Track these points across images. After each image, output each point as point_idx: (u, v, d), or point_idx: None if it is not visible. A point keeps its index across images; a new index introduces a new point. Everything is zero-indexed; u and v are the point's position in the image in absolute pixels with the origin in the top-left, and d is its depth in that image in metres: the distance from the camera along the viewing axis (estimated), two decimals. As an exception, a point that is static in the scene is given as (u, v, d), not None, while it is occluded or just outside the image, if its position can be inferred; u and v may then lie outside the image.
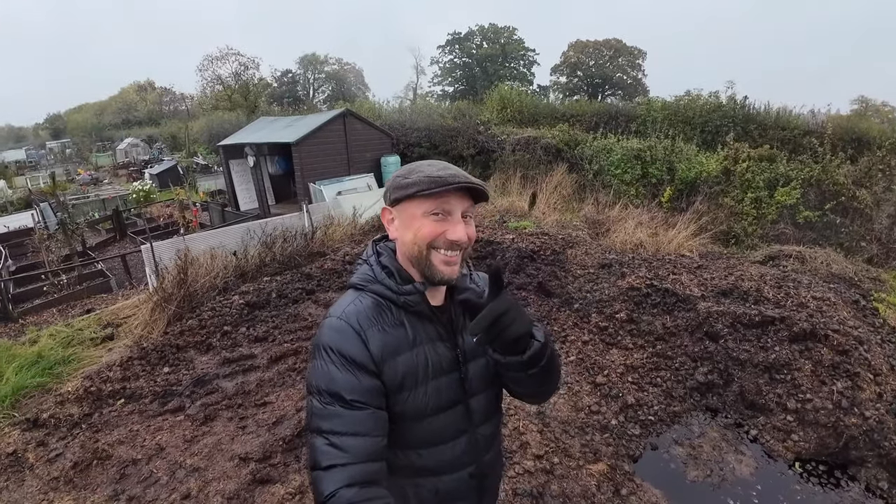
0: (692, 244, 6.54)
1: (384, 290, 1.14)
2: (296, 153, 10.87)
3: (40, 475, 3.06)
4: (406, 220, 1.12)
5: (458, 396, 1.19)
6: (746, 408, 3.44)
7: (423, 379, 1.13)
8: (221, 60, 34.72)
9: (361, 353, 1.06)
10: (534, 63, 44.90)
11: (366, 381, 1.05)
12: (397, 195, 1.11)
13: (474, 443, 1.23)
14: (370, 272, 1.18)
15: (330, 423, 1.01)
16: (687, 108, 11.21)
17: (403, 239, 1.13)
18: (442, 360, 1.16)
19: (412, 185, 1.07)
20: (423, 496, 1.19)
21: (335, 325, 1.10)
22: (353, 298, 1.16)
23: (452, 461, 1.20)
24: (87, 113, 51.18)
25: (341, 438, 0.99)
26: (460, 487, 1.23)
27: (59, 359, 4.41)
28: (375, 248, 1.22)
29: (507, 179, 11.13)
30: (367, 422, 1.02)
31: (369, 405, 1.03)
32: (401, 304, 1.14)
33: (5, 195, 18.77)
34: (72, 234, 9.61)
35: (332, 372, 1.04)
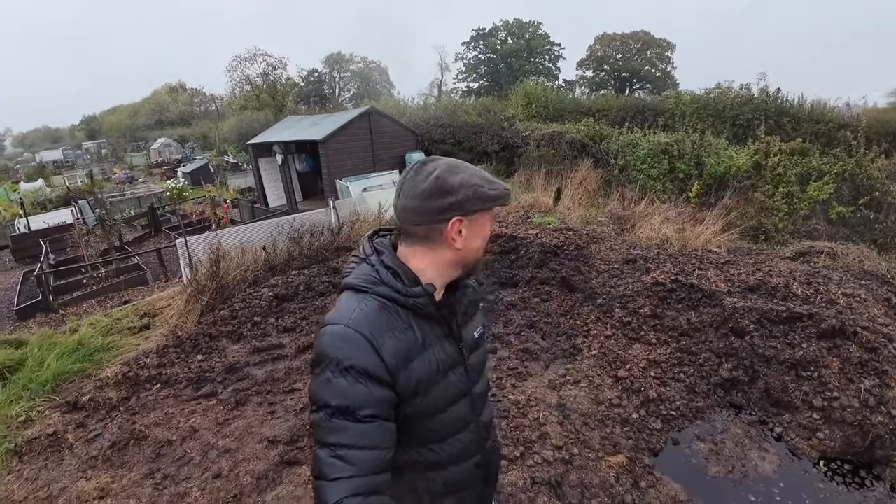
0: (720, 240, 6.41)
1: (391, 292, 1.08)
2: (322, 151, 11.08)
3: (79, 454, 3.25)
4: (479, 229, 1.13)
5: (465, 389, 1.22)
6: (771, 405, 3.37)
7: (436, 380, 1.13)
8: (249, 61, 35.50)
9: (375, 363, 1.01)
10: (559, 58, 44.37)
11: (378, 392, 1.01)
12: (482, 206, 1.09)
13: (478, 432, 1.27)
14: (373, 273, 1.11)
15: (337, 437, 0.97)
16: (717, 101, 10.94)
17: (471, 247, 1.13)
18: (449, 357, 1.17)
19: (499, 198, 1.10)
20: (434, 489, 1.20)
21: (344, 335, 1.02)
22: (356, 303, 1.08)
23: (461, 453, 1.22)
24: (121, 114, 53.14)
25: (348, 451, 0.96)
26: (467, 477, 1.25)
27: (98, 346, 4.65)
28: (374, 246, 1.16)
29: (531, 175, 11.09)
30: (374, 435, 0.99)
31: (378, 417, 1.00)
32: (409, 307, 1.09)
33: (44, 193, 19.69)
34: (110, 229, 10.03)
35: (342, 386, 0.98)
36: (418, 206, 1.07)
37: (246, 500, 2.82)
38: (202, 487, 2.92)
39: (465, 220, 1.09)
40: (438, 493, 1.20)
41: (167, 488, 2.94)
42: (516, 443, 3.06)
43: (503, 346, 4.43)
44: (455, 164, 1.11)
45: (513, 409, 3.38)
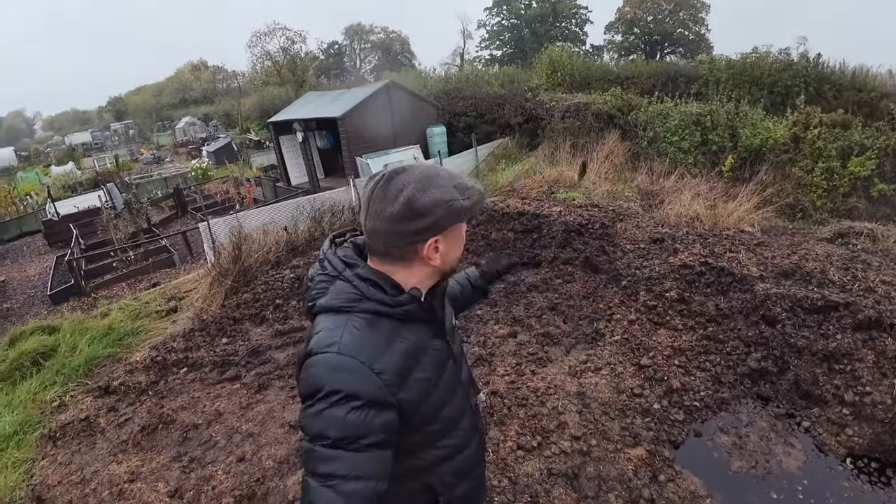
0: (754, 218, 6.13)
1: (377, 306, 1.02)
2: (342, 127, 11.00)
3: (110, 438, 3.39)
4: (456, 239, 1.10)
5: (457, 380, 1.23)
6: (800, 398, 3.25)
7: (435, 382, 1.12)
8: (269, 36, 35.35)
9: (376, 389, 0.96)
10: (586, 21, 42.55)
11: (380, 418, 0.96)
12: (458, 220, 1.05)
13: (472, 415, 1.28)
14: (353, 290, 1.03)
15: (330, 467, 0.92)
16: (754, 66, 10.29)
17: (452, 257, 1.11)
18: (441, 353, 1.16)
19: (473, 207, 1.06)
20: (446, 481, 1.20)
21: (336, 363, 0.96)
22: (342, 325, 1.00)
23: (464, 441, 1.23)
24: (146, 94, 53.89)
25: (341, 482, 0.91)
26: (473, 459, 1.27)
27: (128, 330, 4.82)
28: (342, 260, 1.09)
29: (555, 148, 10.76)
30: (370, 465, 0.94)
31: (376, 446, 0.95)
32: (398, 317, 1.04)
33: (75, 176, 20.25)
34: (137, 212, 10.27)
35: (340, 418, 0.92)
36: (389, 230, 1.01)
37: (268, 483, 2.90)
38: (227, 471, 3.01)
39: (440, 237, 1.04)
40: (451, 484, 1.20)
41: (194, 471, 3.04)
42: (534, 432, 3.04)
43: (523, 329, 4.38)
44: (425, 176, 1.02)
45: (531, 398, 3.35)
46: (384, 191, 1.00)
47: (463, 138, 12.74)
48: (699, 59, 15.92)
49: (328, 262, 1.10)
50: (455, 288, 1.59)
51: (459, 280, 1.62)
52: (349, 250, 1.12)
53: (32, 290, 8.43)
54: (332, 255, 1.10)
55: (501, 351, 4.04)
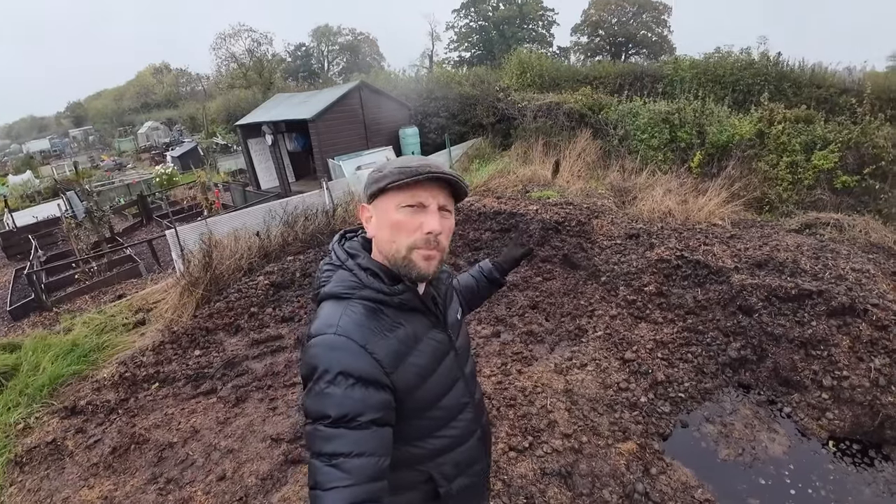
0: (724, 212, 6.28)
1: (375, 294, 1.08)
2: (313, 129, 10.79)
3: (80, 462, 3.18)
4: (381, 218, 1.10)
5: (457, 372, 1.25)
6: (780, 384, 3.32)
7: (432, 370, 1.14)
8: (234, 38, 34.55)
9: (371, 367, 1.00)
10: (553, 23, 43.10)
11: (375, 396, 1.00)
12: (372, 189, 1.09)
13: (474, 409, 1.29)
14: (353, 278, 1.10)
15: (333, 446, 0.95)
16: (717, 66, 10.59)
17: (381, 236, 1.12)
18: (440, 345, 1.19)
19: (383, 178, 1.07)
20: (446, 472, 1.21)
21: (334, 343, 1.01)
22: (341, 310, 1.06)
23: (464, 433, 1.24)
24: (106, 99, 51.98)
25: (344, 460, 0.94)
26: (473, 454, 1.28)
27: (93, 346, 4.55)
28: (346, 251, 1.16)
29: (528, 148, 10.84)
30: (371, 442, 0.97)
31: (376, 423, 0.99)
32: (395, 305, 1.10)
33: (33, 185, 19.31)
34: (99, 221, 9.82)
35: (338, 395, 0.97)
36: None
37: (252, 501, 2.77)
38: (207, 491, 2.87)
39: (369, 207, 1.13)
40: (451, 476, 1.22)
41: (171, 493, 2.88)
42: (524, 432, 3.01)
43: (507, 328, 4.36)
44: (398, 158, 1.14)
45: (519, 397, 3.32)
46: None
47: (436, 139, 12.71)
48: (663, 60, 16.31)
49: (334, 252, 1.17)
50: (470, 282, 1.66)
51: (473, 274, 1.69)
52: (356, 243, 1.19)
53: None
54: (338, 247, 1.18)
55: (486, 351, 4.00)
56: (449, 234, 1.13)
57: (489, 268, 1.68)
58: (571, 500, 2.58)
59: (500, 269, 1.68)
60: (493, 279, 1.67)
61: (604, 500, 2.56)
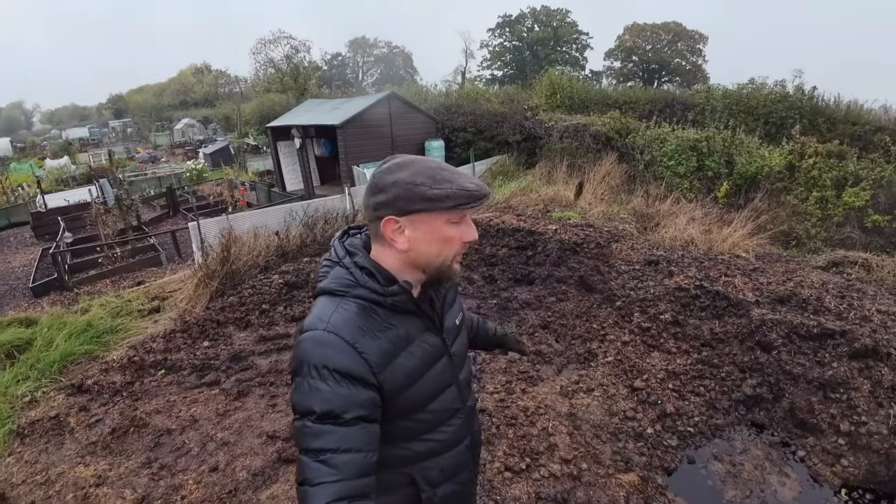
0: (748, 244, 6.12)
1: (369, 293, 1.07)
2: (340, 135, 10.97)
3: (79, 439, 3.22)
4: (428, 233, 1.06)
5: (451, 378, 1.23)
6: (795, 426, 3.17)
7: (422, 372, 1.13)
8: (274, 44, 35.49)
9: (358, 365, 1.00)
10: (587, 47, 43.28)
11: (362, 394, 0.99)
12: (420, 206, 1.02)
13: (466, 416, 1.28)
14: (348, 276, 1.09)
15: (320, 442, 0.95)
16: (750, 97, 10.44)
17: (424, 251, 1.08)
18: (433, 348, 1.17)
19: (446, 199, 1.01)
20: (431, 477, 1.20)
21: (323, 339, 1.00)
22: (333, 306, 1.06)
23: (452, 439, 1.23)
24: (147, 94, 53.81)
25: (331, 455, 0.94)
26: (461, 461, 1.27)
27: (107, 328, 4.64)
28: (345, 248, 1.15)
29: (552, 168, 10.81)
30: (359, 438, 0.97)
31: (363, 420, 0.98)
32: (388, 306, 1.08)
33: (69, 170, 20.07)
34: (127, 209, 10.10)
35: (325, 391, 0.96)
36: (364, 202, 1.10)
37: (241, 496, 2.75)
38: (198, 480, 2.86)
39: (402, 221, 1.05)
40: (436, 481, 1.21)
41: (163, 479, 2.88)
42: (522, 454, 2.92)
43: (515, 346, 4.29)
44: (408, 161, 1.06)
45: (521, 417, 3.23)
46: (378, 167, 1.09)
47: (461, 153, 12.77)
48: (696, 89, 16.16)
49: (333, 249, 1.16)
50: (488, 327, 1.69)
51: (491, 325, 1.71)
52: (357, 241, 1.17)
53: (14, 282, 8.21)
54: (339, 244, 1.16)
55: (491, 368, 3.93)
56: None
57: (485, 328, 1.70)
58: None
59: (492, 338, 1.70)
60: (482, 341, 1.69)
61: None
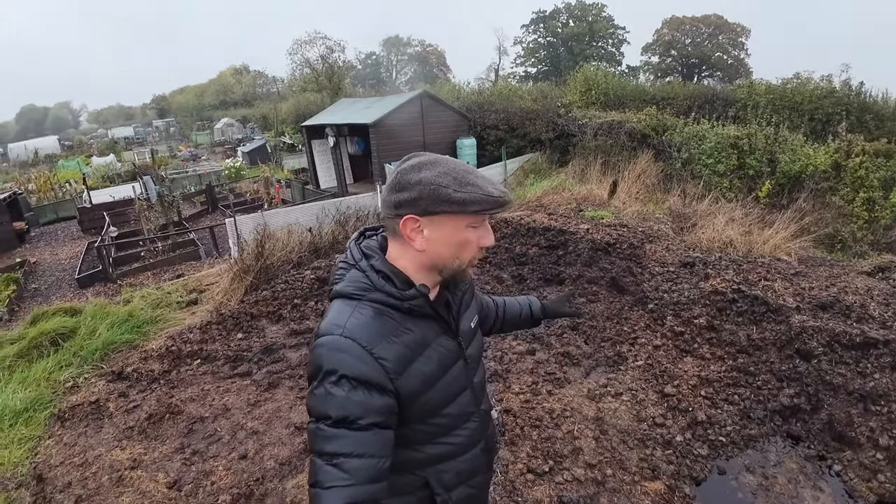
0: (791, 247, 5.85)
1: (385, 297, 1.07)
2: (373, 133, 11.10)
3: (117, 424, 3.38)
4: (448, 236, 1.06)
5: (467, 382, 1.23)
6: (833, 439, 3.02)
7: (438, 377, 1.13)
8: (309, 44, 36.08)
9: (374, 371, 1.00)
10: (623, 42, 42.32)
11: (378, 400, 1.00)
12: (444, 209, 1.02)
13: (481, 419, 1.29)
14: (365, 279, 1.09)
15: (334, 446, 0.96)
16: (794, 92, 9.97)
17: (441, 252, 1.08)
18: (449, 352, 1.17)
19: (472, 203, 1.01)
20: (446, 480, 1.20)
21: (340, 345, 1.00)
22: (350, 310, 1.06)
23: (467, 442, 1.24)
24: (188, 94, 55.81)
25: (344, 460, 0.95)
26: (476, 464, 1.27)
27: (147, 318, 4.86)
28: (362, 251, 1.14)
29: (586, 166, 10.63)
30: (372, 444, 0.98)
31: (377, 426, 0.99)
32: (404, 310, 1.08)
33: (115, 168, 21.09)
34: (169, 205, 10.51)
35: (340, 397, 0.97)
36: (384, 199, 1.09)
37: (268, 484, 2.83)
38: (228, 467, 2.96)
39: (422, 220, 1.05)
40: (451, 484, 1.21)
41: (195, 464, 3.00)
42: (546, 456, 2.89)
43: (542, 347, 4.24)
44: (432, 160, 1.05)
45: (546, 419, 3.21)
46: (400, 164, 1.09)
47: (493, 151, 12.71)
48: (738, 84, 15.55)
49: (350, 251, 1.16)
50: (515, 307, 1.67)
51: (521, 302, 1.70)
52: (373, 243, 1.17)
53: (61, 273, 8.68)
54: (355, 246, 1.16)
55: (518, 368, 3.90)
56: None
57: (538, 306, 1.70)
58: (587, 534, 2.45)
59: (544, 312, 1.72)
60: (537, 318, 1.70)
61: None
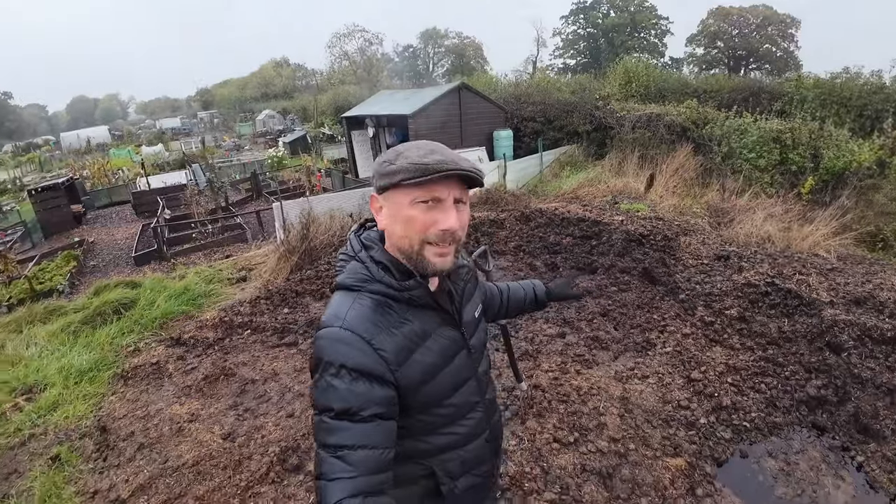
0: (830, 244, 5.73)
1: (385, 288, 1.07)
2: (411, 125, 11.31)
3: (176, 383, 3.76)
4: (394, 211, 1.06)
5: (470, 372, 1.23)
6: (858, 431, 3.05)
7: (440, 367, 1.13)
8: (348, 37, 36.65)
9: (374, 362, 1.00)
10: (667, 33, 41.01)
11: (379, 391, 1.00)
12: (383, 182, 1.04)
13: (485, 409, 1.28)
14: (364, 271, 1.09)
15: (337, 438, 0.96)
16: (843, 87, 9.59)
17: (392, 230, 1.08)
18: (451, 342, 1.17)
19: (397, 173, 1.01)
20: (451, 469, 1.21)
21: (340, 336, 1.00)
22: (350, 302, 1.06)
23: (472, 432, 1.24)
24: (231, 87, 57.54)
25: (348, 452, 0.96)
26: (481, 454, 1.27)
27: (201, 292, 5.27)
28: (361, 242, 1.14)
29: (623, 159, 10.55)
30: (375, 435, 0.98)
31: (380, 417, 0.99)
32: (404, 301, 1.08)
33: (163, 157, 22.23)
34: (217, 191, 11.06)
35: (342, 389, 0.97)
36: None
37: (311, 440, 3.09)
38: (276, 423, 3.25)
39: (379, 198, 1.09)
40: (456, 473, 1.21)
41: (247, 420, 3.31)
42: (572, 428, 3.05)
43: (573, 331, 4.36)
44: (407, 145, 1.07)
45: (573, 395, 3.35)
46: None
47: (529, 143, 12.74)
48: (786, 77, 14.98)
49: (350, 242, 1.16)
50: (519, 292, 1.69)
51: (525, 287, 1.71)
52: (374, 234, 1.16)
53: (118, 252, 9.34)
54: (354, 237, 1.16)
55: (548, 349, 4.05)
56: (465, 227, 1.09)
57: (542, 290, 1.73)
58: (607, 501, 2.59)
59: (549, 295, 1.74)
60: (542, 301, 1.73)
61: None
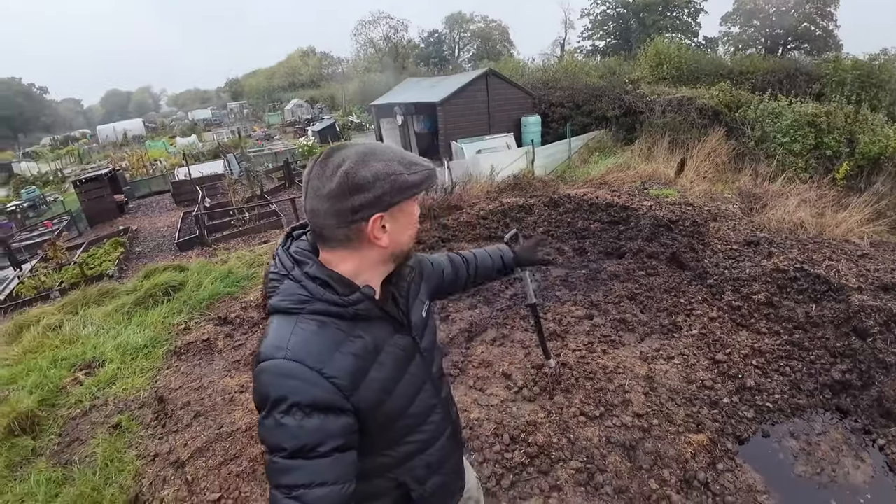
0: (864, 230, 5.66)
1: (327, 307, 0.97)
2: (440, 112, 11.45)
3: (226, 358, 4.10)
4: (406, 220, 1.03)
5: (425, 375, 1.18)
6: (881, 415, 3.10)
7: (397, 380, 1.08)
8: (373, 24, 36.69)
9: (328, 393, 0.92)
10: (700, 11, 39.43)
11: (335, 423, 0.93)
12: (405, 195, 0.98)
13: (443, 407, 1.25)
14: (301, 290, 0.97)
15: (292, 478, 0.90)
16: (882, 69, 9.25)
17: (400, 240, 1.03)
18: (404, 351, 1.11)
19: (423, 182, 1.00)
20: (419, 475, 1.18)
21: (285, 370, 0.91)
22: (290, 327, 0.95)
23: (434, 434, 1.21)
24: (259, 77, 58.31)
25: (304, 492, 0.89)
26: (444, 452, 1.25)
27: (243, 276, 5.63)
28: (292, 257, 1.02)
29: (653, 144, 10.45)
30: (332, 470, 0.92)
31: (336, 450, 0.93)
32: (350, 317, 0.99)
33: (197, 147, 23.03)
34: (253, 180, 11.46)
35: (293, 427, 0.89)
36: (329, 209, 0.94)
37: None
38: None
39: (385, 216, 0.97)
40: (424, 478, 1.19)
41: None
42: (598, 403, 3.20)
43: (600, 313, 4.48)
44: (367, 151, 0.96)
45: (599, 373, 3.49)
46: (322, 167, 0.95)
47: (557, 129, 12.70)
48: (824, 58, 14.40)
49: (278, 259, 1.04)
50: (487, 260, 1.64)
51: (492, 254, 1.67)
52: (304, 244, 1.06)
53: (161, 239, 9.84)
54: (283, 252, 1.04)
55: (575, 330, 4.20)
56: None
57: (510, 256, 1.70)
58: (630, 471, 2.74)
59: (517, 260, 1.72)
60: (510, 267, 1.71)
61: (662, 479, 2.67)
